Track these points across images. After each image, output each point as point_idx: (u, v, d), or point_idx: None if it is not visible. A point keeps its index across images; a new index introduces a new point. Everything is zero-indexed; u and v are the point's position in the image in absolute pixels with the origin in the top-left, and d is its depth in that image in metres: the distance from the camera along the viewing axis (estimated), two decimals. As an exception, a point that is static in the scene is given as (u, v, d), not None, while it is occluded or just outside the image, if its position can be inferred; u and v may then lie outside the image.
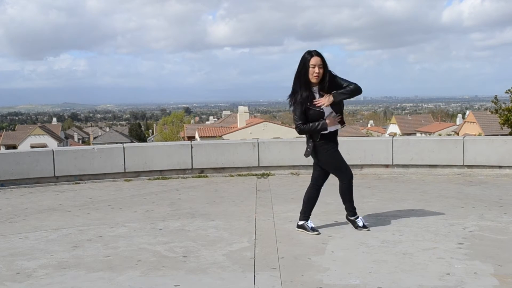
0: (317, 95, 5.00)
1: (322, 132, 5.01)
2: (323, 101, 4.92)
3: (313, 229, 5.15)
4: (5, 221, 6.07)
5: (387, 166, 8.86)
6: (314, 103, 4.95)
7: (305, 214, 5.25)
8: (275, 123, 55.39)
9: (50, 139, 68.02)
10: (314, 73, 4.90)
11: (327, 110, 4.99)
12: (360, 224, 5.25)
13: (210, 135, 48.34)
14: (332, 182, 8.10)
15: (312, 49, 5.00)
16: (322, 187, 5.34)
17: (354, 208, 5.31)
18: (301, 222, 5.24)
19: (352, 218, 5.30)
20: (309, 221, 5.22)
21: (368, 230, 5.20)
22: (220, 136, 45.20)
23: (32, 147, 54.68)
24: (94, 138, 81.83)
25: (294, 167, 8.95)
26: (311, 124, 4.98)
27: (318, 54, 4.93)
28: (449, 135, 43.93)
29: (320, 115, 4.97)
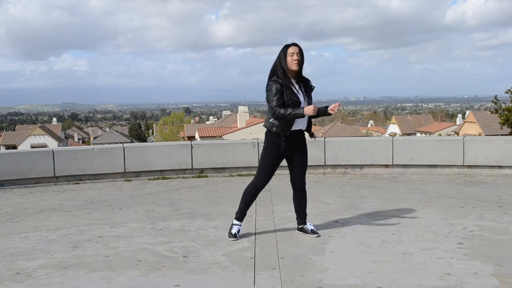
0: (295, 86, 4.87)
1: (293, 129, 4.84)
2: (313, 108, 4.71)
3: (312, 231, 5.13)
4: (5, 221, 6.07)
5: (387, 166, 8.86)
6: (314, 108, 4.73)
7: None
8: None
9: (50, 139, 68.01)
10: (293, 60, 4.78)
11: (302, 100, 4.83)
12: (232, 232, 5.05)
13: (210, 135, 48.32)
14: (331, 182, 8.12)
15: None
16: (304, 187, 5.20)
17: (240, 214, 5.11)
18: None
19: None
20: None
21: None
22: (220, 136, 45.20)
23: (32, 147, 54.69)
24: (94, 138, 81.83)
25: (294, 167, 8.94)
26: (289, 109, 4.69)
27: (297, 44, 4.87)
28: (449, 135, 43.94)
29: (297, 104, 4.77)
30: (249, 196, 5.09)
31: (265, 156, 4.99)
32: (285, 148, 4.88)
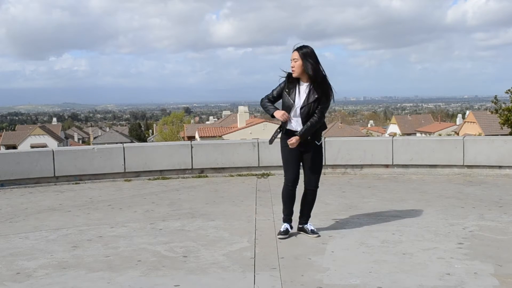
0: (304, 89, 4.88)
1: (288, 128, 4.94)
2: (292, 141, 4.85)
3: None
4: (5, 221, 6.07)
5: (387, 166, 8.86)
6: (288, 142, 4.90)
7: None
8: (275, 123, 55.36)
9: (50, 139, 68.02)
10: (291, 67, 4.89)
11: (298, 103, 4.86)
12: (280, 230, 5.09)
13: (210, 135, 48.33)
14: (331, 182, 8.12)
15: (304, 44, 4.90)
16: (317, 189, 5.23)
17: (285, 216, 5.16)
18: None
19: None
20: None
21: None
22: (220, 136, 45.20)
23: (32, 147, 54.68)
24: (94, 138, 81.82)
25: (294, 167, 8.94)
26: (269, 103, 5.01)
27: (297, 49, 4.83)
28: (449, 135, 43.93)
29: (288, 106, 4.89)
30: (285, 197, 5.11)
31: (281, 153, 5.11)
32: (285, 141, 4.96)
